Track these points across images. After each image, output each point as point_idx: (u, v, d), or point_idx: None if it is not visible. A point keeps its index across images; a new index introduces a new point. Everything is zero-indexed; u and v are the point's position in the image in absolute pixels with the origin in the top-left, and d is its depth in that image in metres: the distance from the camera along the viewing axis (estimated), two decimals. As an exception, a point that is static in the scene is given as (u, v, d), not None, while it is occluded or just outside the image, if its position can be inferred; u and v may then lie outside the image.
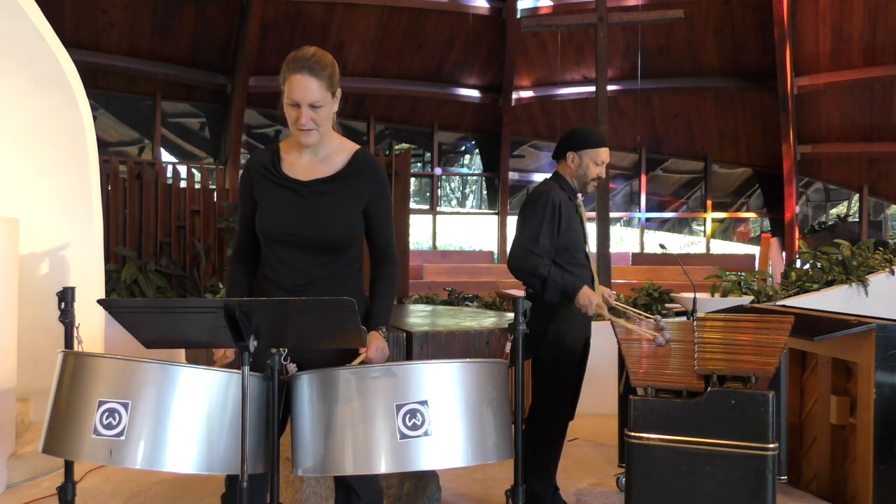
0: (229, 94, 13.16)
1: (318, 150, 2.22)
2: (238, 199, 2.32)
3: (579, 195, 3.28)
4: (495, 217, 15.70)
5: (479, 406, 1.92)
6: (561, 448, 3.21)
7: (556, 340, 3.10)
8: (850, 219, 15.12)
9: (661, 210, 16.18)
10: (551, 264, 3.06)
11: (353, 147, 2.27)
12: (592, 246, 3.42)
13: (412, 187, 13.25)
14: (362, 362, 2.05)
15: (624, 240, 16.43)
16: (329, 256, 2.20)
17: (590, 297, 3.02)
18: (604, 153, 3.18)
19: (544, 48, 14.23)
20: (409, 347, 2.71)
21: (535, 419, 3.15)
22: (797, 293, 5.32)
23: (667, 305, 6.00)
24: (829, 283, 5.36)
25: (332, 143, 2.24)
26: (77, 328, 2.40)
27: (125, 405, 1.82)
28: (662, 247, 3.73)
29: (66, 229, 4.38)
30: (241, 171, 2.34)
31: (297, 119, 2.11)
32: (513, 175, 15.58)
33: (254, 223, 2.23)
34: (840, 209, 15.79)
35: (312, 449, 1.90)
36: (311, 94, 2.08)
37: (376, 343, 2.13)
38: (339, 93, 2.17)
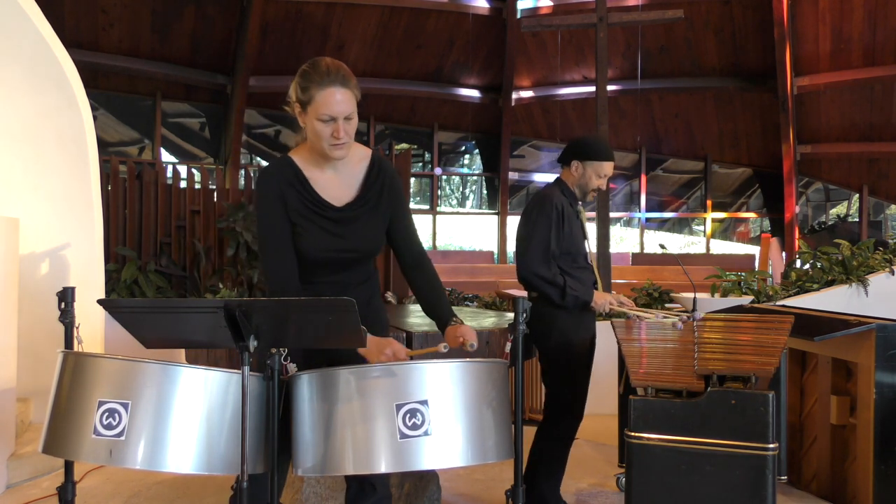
0: (229, 94, 13.16)
1: (336, 161, 2.19)
2: (264, 217, 2.17)
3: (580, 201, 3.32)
4: (495, 217, 15.70)
5: (479, 406, 1.91)
6: (569, 449, 3.23)
7: (564, 340, 3.13)
8: (850, 219, 15.12)
9: (661, 210, 16.19)
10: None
11: (365, 152, 2.27)
12: (593, 247, 3.47)
13: (412, 187, 13.25)
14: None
15: (624, 240, 16.43)
16: (364, 265, 2.31)
17: (604, 298, 3.18)
18: (608, 167, 3.22)
19: (544, 48, 14.23)
20: (409, 347, 2.72)
21: (548, 419, 3.17)
22: (797, 293, 5.31)
23: (667, 305, 5.99)
24: (829, 283, 5.35)
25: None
26: (77, 328, 2.40)
27: (125, 405, 1.82)
28: (662, 247, 3.74)
29: (66, 229, 4.38)
30: (259, 187, 2.19)
31: (332, 133, 2.08)
32: (513, 175, 15.59)
33: (293, 241, 2.18)
34: (840, 209, 15.79)
35: (312, 449, 1.90)
36: (346, 107, 2.07)
37: (471, 332, 2.18)
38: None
